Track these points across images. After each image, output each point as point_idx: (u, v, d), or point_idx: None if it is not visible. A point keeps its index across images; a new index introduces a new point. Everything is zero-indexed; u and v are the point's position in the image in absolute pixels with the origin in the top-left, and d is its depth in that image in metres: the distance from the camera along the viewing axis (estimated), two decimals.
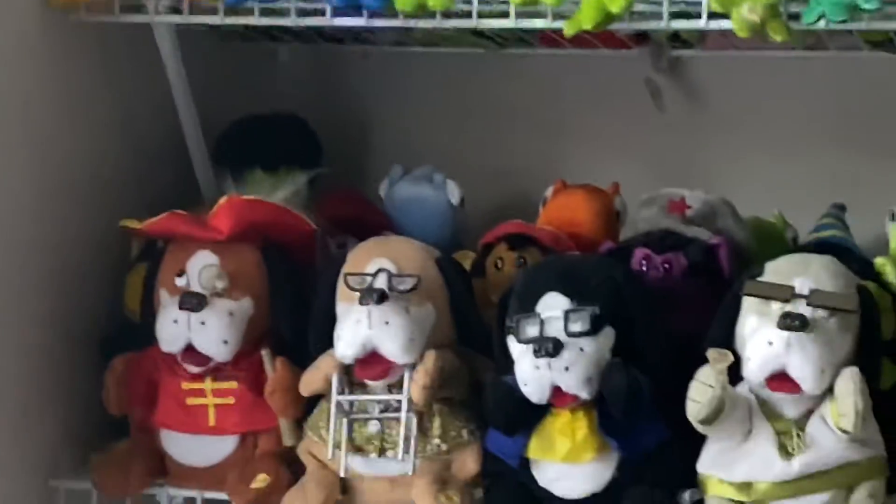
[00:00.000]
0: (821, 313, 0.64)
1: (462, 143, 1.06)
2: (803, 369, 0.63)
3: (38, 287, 0.83)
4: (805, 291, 0.65)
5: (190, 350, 0.74)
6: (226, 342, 0.74)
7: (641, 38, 0.99)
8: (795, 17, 0.66)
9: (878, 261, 0.72)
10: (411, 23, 0.74)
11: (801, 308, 0.64)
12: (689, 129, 1.03)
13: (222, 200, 0.77)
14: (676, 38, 0.99)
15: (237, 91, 1.09)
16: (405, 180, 0.93)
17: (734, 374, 0.66)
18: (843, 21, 0.65)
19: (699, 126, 1.01)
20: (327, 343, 0.72)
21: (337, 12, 0.75)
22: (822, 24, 0.65)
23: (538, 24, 0.72)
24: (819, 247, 0.77)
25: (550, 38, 0.95)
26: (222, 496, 0.75)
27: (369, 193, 1.00)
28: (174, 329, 0.74)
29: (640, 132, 1.03)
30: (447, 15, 0.72)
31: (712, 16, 0.67)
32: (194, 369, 0.76)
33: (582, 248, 0.81)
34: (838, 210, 0.87)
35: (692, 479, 0.69)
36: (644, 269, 0.74)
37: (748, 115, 0.99)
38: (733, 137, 0.99)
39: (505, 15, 0.72)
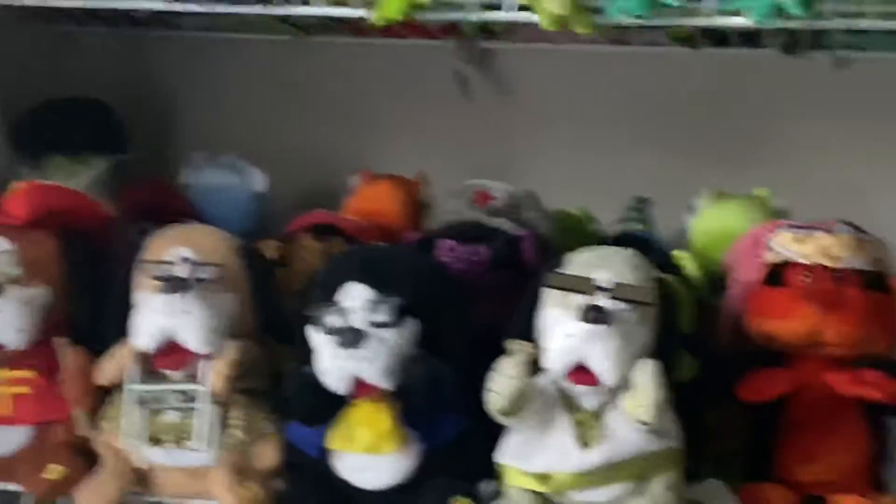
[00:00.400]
0: (621, 306, 0.65)
1: (268, 131, 1.06)
2: (603, 362, 0.64)
3: None
4: (606, 284, 0.65)
5: None
6: (21, 330, 0.71)
7: (451, 29, 0.99)
8: (599, 11, 0.66)
9: (677, 254, 0.73)
10: (218, 8, 0.71)
11: (602, 301, 0.65)
12: (497, 121, 1.05)
13: (19, 185, 0.74)
14: (486, 30, 1.00)
15: (39, 75, 1.06)
16: (209, 168, 0.91)
17: (536, 365, 0.67)
18: (645, 16, 0.66)
19: (507, 118, 1.02)
20: (124, 331, 0.69)
21: None
22: (624, 18, 0.66)
23: (345, 12, 0.71)
24: (621, 240, 0.78)
25: (358, 27, 0.95)
26: (15, 487, 0.72)
27: (174, 181, 0.98)
28: None
29: (448, 124, 1.04)
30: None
31: (521, 8, 0.67)
32: None
33: (387, 239, 0.82)
34: (641, 203, 0.89)
35: (493, 470, 0.70)
36: (448, 260, 0.74)
37: (555, 109, 1.01)
38: (540, 130, 1.01)
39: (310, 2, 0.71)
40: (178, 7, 0.70)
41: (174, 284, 0.67)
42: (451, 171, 0.93)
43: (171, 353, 0.68)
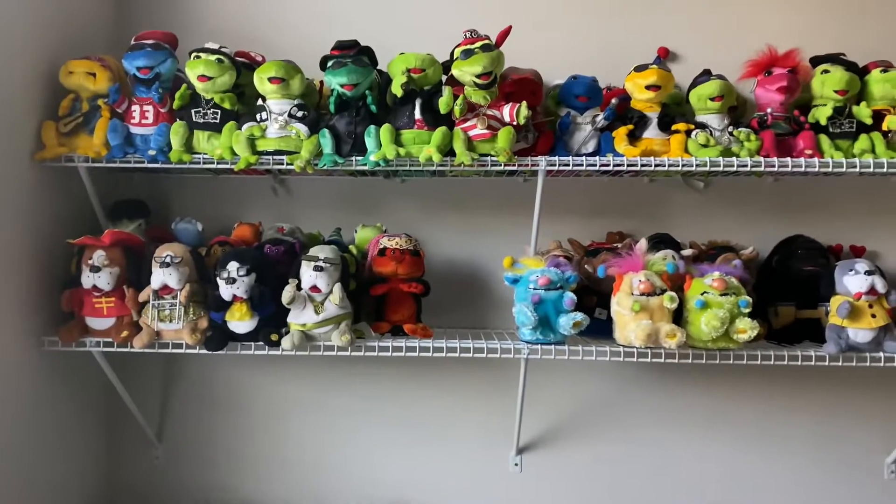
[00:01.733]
0: (328, 265, 1.92)
1: (199, 213, 2.26)
2: (322, 285, 1.91)
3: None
4: (322, 257, 1.92)
5: (95, 287, 1.90)
6: (109, 283, 1.90)
7: (266, 172, 2.23)
8: (319, 155, 1.94)
9: (351, 246, 2.04)
10: None
11: (321, 263, 1.92)
12: (290, 207, 2.32)
13: (108, 231, 1.93)
14: (281, 172, 2.26)
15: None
16: (181, 223, 2.11)
17: (299, 287, 1.95)
18: (333, 166, 1.94)
19: (295, 206, 2.31)
20: (148, 282, 1.90)
21: None
22: (329, 166, 1.94)
23: (220, 167, 1.94)
24: (330, 241, 2.06)
25: (218, 170, 2.16)
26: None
27: (167, 228, 2.18)
28: (87, 279, 1.91)
29: (268, 207, 2.29)
30: None
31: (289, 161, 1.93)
32: (97, 294, 1.92)
33: (247, 245, 2.07)
34: (337, 230, 2.18)
35: (287, 325, 1.96)
36: (269, 252, 2.00)
37: (318, 199, 2.31)
38: (310, 212, 2.30)
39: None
40: None
41: (166, 264, 1.87)
42: (274, 221, 2.17)
43: (165, 288, 1.88)
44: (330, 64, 1.93)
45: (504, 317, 2.24)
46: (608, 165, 1.98)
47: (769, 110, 2.04)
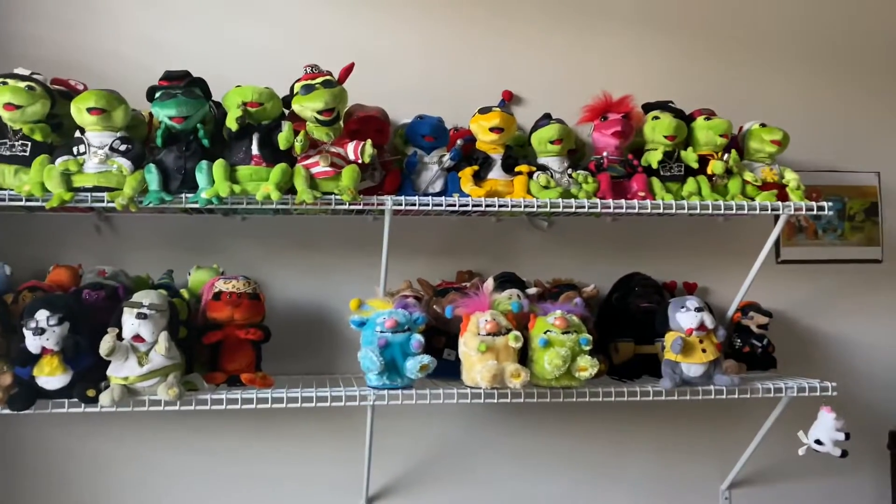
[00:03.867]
0: (152, 311, 1.76)
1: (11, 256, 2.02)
2: (146, 334, 1.74)
3: None
4: (146, 303, 1.77)
5: None
6: None
7: (90, 209, 2.04)
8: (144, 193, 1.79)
9: (182, 291, 1.89)
10: None
11: (144, 310, 1.76)
12: (116, 244, 2.12)
13: None
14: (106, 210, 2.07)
15: None
16: None
17: (120, 336, 1.77)
18: (157, 203, 1.80)
19: (118, 245, 2.14)
20: None
21: None
22: (154, 204, 1.79)
23: (31, 204, 1.74)
24: (160, 286, 1.91)
25: (32, 208, 1.96)
26: None
27: None
28: None
29: (92, 244, 2.09)
30: None
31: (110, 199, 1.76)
32: None
33: (63, 290, 1.86)
34: (169, 272, 2.04)
35: (106, 377, 1.77)
36: (88, 297, 1.80)
37: (146, 237, 2.15)
38: (134, 250, 2.14)
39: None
40: None
41: None
42: (98, 263, 1.98)
43: None
44: (158, 95, 1.80)
45: (352, 361, 2.12)
46: (455, 205, 1.97)
47: (605, 154, 2.12)
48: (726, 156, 2.12)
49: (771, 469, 2.47)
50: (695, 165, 2.12)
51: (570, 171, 2.07)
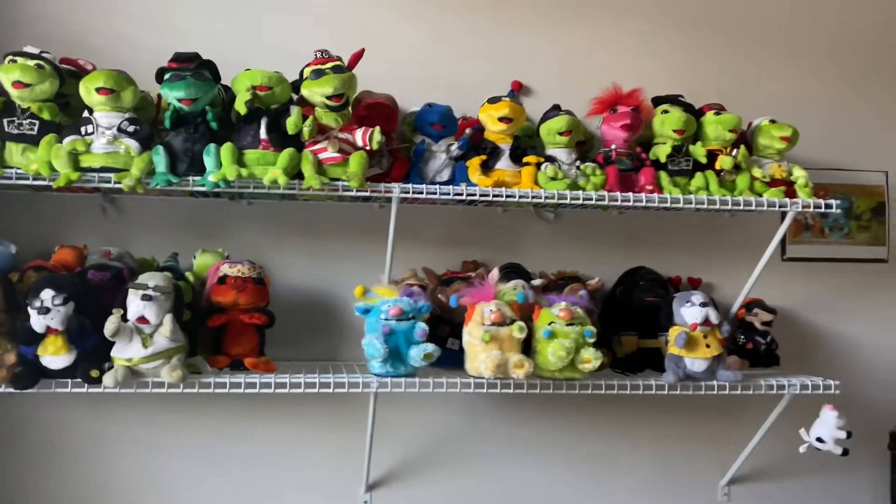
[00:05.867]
0: (157, 293, 1.76)
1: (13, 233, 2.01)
2: (151, 315, 1.74)
3: None
4: (151, 284, 1.76)
5: None
6: None
7: (97, 189, 2.03)
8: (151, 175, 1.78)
9: (187, 274, 1.89)
10: None
11: (149, 291, 1.75)
12: (115, 226, 2.11)
13: None
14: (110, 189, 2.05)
15: None
16: None
17: (125, 317, 1.77)
18: (165, 185, 1.79)
19: (122, 225, 2.12)
20: None
21: None
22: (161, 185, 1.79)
23: (38, 183, 1.73)
24: (164, 268, 1.90)
25: (40, 187, 1.94)
26: None
27: None
28: None
29: (99, 227, 2.08)
30: None
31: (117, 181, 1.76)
32: None
33: (68, 270, 1.86)
34: (174, 255, 2.01)
35: (111, 358, 1.77)
36: (93, 278, 1.80)
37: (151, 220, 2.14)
38: (137, 232, 2.13)
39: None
40: None
41: None
42: (103, 244, 1.97)
43: None
44: (167, 76, 1.79)
45: (356, 348, 2.12)
46: (462, 194, 1.97)
47: (614, 146, 2.11)
48: (735, 151, 2.11)
49: (771, 466, 2.47)
50: (703, 160, 2.11)
51: (578, 162, 2.07)
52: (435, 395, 1.91)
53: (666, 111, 2.15)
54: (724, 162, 2.09)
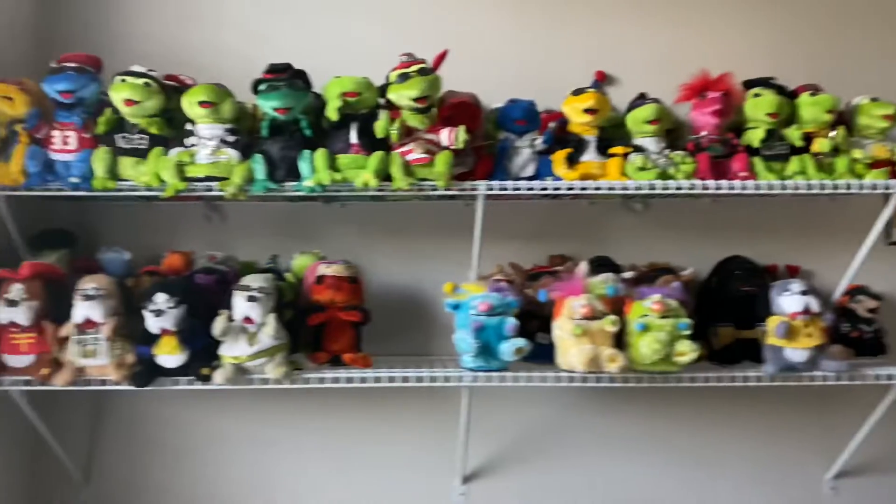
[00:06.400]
0: (261, 295, 1.85)
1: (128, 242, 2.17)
2: (257, 315, 1.83)
3: None
4: (255, 286, 1.86)
5: (12, 322, 1.79)
6: (27, 318, 1.78)
7: (199, 197, 2.16)
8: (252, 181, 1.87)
9: (287, 275, 1.98)
10: None
11: (253, 293, 1.85)
12: (221, 232, 2.25)
13: (26, 263, 1.82)
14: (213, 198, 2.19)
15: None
16: (108, 251, 2.01)
17: (231, 319, 1.87)
18: (263, 192, 1.88)
19: (228, 231, 2.24)
20: (69, 317, 1.79)
21: None
22: (260, 191, 1.88)
23: (151, 193, 1.86)
24: (268, 269, 1.99)
25: (149, 197, 2.07)
26: None
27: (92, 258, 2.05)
28: (4, 314, 1.78)
29: (207, 233, 2.22)
30: None
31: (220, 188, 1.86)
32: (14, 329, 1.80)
33: (177, 275, 1.98)
34: (274, 257, 2.11)
35: (218, 357, 1.87)
36: (201, 281, 1.91)
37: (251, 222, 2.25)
38: (239, 235, 2.23)
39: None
40: None
41: (89, 296, 1.77)
42: (208, 249, 2.09)
43: (88, 323, 1.78)
44: (262, 87, 1.88)
45: (447, 343, 2.18)
46: (547, 189, 1.97)
47: (704, 133, 2.06)
48: (833, 133, 2.02)
49: (880, 460, 2.36)
50: (799, 144, 2.03)
51: (667, 151, 2.04)
52: (527, 389, 1.92)
53: (758, 94, 2.08)
54: (821, 144, 2.01)
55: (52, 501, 2.24)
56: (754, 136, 2.05)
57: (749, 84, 2.13)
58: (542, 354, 1.97)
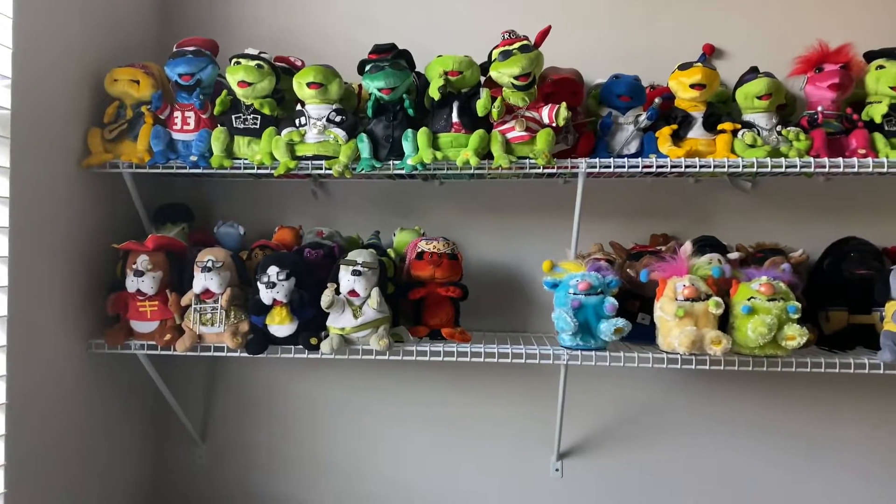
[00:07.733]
0: (365, 269, 1.92)
1: (244, 216, 2.28)
2: (361, 289, 1.91)
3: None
4: (360, 261, 1.93)
5: (139, 291, 1.92)
6: (152, 287, 1.91)
7: (307, 175, 2.25)
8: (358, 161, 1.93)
9: (389, 250, 2.03)
10: None
11: (358, 268, 1.92)
12: (329, 210, 2.32)
13: (151, 236, 1.95)
14: (321, 176, 2.26)
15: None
16: (224, 225, 2.12)
17: (338, 290, 1.95)
18: (369, 170, 1.94)
19: (334, 210, 2.31)
20: (190, 286, 1.91)
21: None
22: (367, 170, 1.94)
23: (261, 172, 1.95)
24: (369, 245, 2.06)
25: (258, 174, 2.17)
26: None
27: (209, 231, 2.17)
28: (131, 283, 1.91)
29: (310, 210, 2.31)
30: None
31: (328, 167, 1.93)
32: (141, 297, 1.94)
33: (287, 249, 2.06)
34: (376, 233, 2.17)
35: (326, 328, 1.96)
36: (308, 255, 1.98)
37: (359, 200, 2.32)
38: (346, 211, 2.30)
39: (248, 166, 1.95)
40: None
41: (208, 268, 1.89)
42: (314, 225, 2.17)
43: (207, 293, 1.90)
44: (368, 68, 1.93)
45: (544, 321, 2.21)
46: (651, 167, 1.93)
47: (820, 108, 1.96)
48: None
49: None
50: None
51: (779, 127, 1.95)
52: (625, 369, 1.91)
53: (881, 66, 1.96)
54: None
55: (173, 458, 2.42)
56: (876, 111, 1.93)
57: (871, 55, 2.01)
58: (642, 334, 1.95)
